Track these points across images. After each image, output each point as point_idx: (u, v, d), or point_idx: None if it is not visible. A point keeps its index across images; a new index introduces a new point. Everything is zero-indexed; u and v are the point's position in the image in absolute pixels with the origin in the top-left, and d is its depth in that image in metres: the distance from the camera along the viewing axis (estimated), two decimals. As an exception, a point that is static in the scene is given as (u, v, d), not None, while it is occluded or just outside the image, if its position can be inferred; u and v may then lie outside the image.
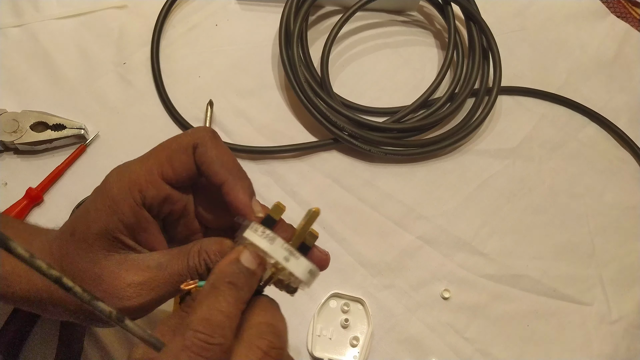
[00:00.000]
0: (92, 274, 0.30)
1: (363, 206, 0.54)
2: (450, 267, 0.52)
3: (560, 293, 0.52)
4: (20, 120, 0.51)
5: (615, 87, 0.64)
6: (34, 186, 0.49)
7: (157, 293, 0.30)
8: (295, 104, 0.58)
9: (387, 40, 0.64)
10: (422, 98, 0.58)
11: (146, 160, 0.31)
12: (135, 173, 0.31)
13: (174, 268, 0.30)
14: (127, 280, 0.29)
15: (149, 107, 0.56)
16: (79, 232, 0.30)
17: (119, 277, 0.29)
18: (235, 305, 0.26)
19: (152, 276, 0.30)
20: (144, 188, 0.30)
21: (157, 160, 0.31)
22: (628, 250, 0.55)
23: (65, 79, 0.56)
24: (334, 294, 0.48)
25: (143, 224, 0.31)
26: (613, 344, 0.50)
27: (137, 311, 0.30)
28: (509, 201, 0.56)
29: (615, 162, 0.59)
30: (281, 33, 0.57)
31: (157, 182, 0.31)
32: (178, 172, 0.31)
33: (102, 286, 0.30)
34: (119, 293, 0.29)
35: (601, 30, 0.67)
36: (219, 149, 0.31)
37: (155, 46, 0.58)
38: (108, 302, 0.27)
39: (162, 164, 0.31)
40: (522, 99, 0.62)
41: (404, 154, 0.56)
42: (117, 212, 0.30)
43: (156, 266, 0.30)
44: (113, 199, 0.30)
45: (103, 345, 0.45)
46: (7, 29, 0.58)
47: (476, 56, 0.59)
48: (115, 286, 0.29)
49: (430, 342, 0.48)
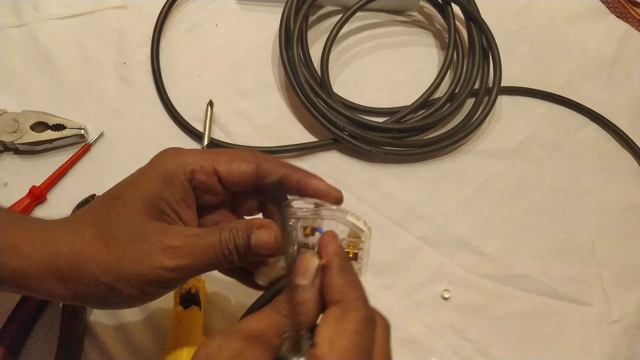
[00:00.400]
0: (134, 234, 0.31)
1: (363, 206, 0.54)
2: (450, 267, 0.52)
3: (560, 293, 0.52)
4: (20, 120, 0.51)
5: (615, 87, 0.64)
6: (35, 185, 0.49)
7: (192, 259, 0.31)
8: (295, 104, 0.58)
9: (387, 40, 0.64)
10: (422, 98, 0.58)
11: (204, 153, 0.34)
12: (192, 157, 0.33)
13: (209, 240, 0.32)
14: (166, 243, 0.31)
15: (149, 107, 0.56)
16: (127, 195, 0.33)
17: (159, 240, 0.31)
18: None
19: (189, 243, 0.31)
20: (196, 172, 0.33)
21: (216, 157, 0.34)
22: (628, 250, 0.55)
23: (65, 79, 0.56)
24: (334, 294, 0.48)
25: (188, 201, 0.34)
26: (613, 344, 0.50)
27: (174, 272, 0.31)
28: (509, 201, 0.56)
29: (615, 162, 0.59)
30: (281, 33, 0.57)
31: (209, 173, 0.34)
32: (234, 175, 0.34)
33: (143, 246, 0.31)
34: (158, 253, 0.31)
35: (601, 30, 0.67)
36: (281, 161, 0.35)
37: (155, 46, 0.58)
38: (146, 261, 0.30)
39: (220, 162, 0.34)
40: (522, 99, 0.62)
41: (404, 154, 0.56)
42: (170, 183, 0.33)
43: (194, 235, 0.32)
44: (169, 172, 0.33)
45: (103, 345, 0.45)
46: (7, 29, 0.58)
47: (476, 56, 0.59)
48: (155, 247, 0.31)
49: (430, 342, 0.48)
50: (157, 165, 0.33)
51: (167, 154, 0.34)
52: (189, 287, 0.43)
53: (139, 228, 0.31)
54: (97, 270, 0.31)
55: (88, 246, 0.31)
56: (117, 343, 0.45)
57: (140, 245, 0.31)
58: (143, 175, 0.33)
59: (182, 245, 0.31)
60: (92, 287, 0.31)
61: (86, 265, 0.31)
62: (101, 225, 0.32)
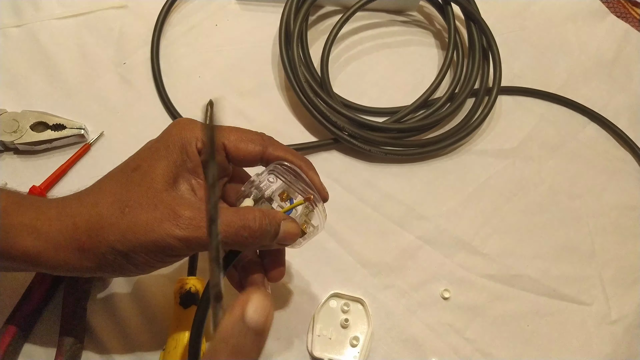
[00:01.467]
0: (149, 201, 0.32)
1: (363, 206, 0.54)
2: (450, 267, 0.52)
3: (560, 293, 0.52)
4: (20, 120, 0.51)
5: (615, 87, 0.64)
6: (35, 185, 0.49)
7: (202, 233, 0.32)
8: (295, 104, 0.58)
9: (387, 40, 0.64)
10: (422, 98, 0.58)
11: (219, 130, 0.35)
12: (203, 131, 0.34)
13: (224, 217, 0.32)
14: (179, 212, 0.32)
15: (149, 107, 0.56)
16: (146, 166, 0.34)
17: (172, 208, 0.32)
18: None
19: (202, 216, 0.32)
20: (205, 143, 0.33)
21: (226, 134, 0.35)
22: (628, 250, 0.55)
23: (65, 79, 0.56)
24: (334, 294, 0.48)
25: (198, 170, 0.35)
26: (613, 344, 0.50)
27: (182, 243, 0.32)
28: (509, 201, 0.56)
29: (615, 162, 0.59)
30: (281, 33, 0.57)
31: (219, 151, 0.35)
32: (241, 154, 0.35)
33: (156, 213, 0.32)
34: (169, 221, 0.31)
35: (601, 30, 0.67)
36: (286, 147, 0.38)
37: (155, 46, 0.58)
38: (158, 228, 0.31)
39: (229, 139, 0.35)
40: (522, 99, 0.62)
41: (404, 154, 0.56)
42: (184, 152, 0.34)
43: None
44: (184, 141, 0.34)
45: (103, 345, 0.45)
46: (7, 29, 0.58)
47: (476, 56, 0.59)
48: (167, 215, 0.32)
49: (430, 342, 0.48)
50: (173, 133, 0.35)
51: (182, 124, 0.35)
52: (189, 287, 0.43)
53: (154, 196, 0.32)
54: (113, 238, 0.31)
55: (105, 215, 0.32)
56: (117, 343, 0.45)
57: (154, 212, 0.32)
58: (161, 144, 0.35)
59: (193, 217, 0.32)
60: (109, 256, 0.32)
61: (103, 233, 0.32)
62: (119, 194, 0.33)
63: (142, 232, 0.31)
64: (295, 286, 0.49)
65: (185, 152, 0.34)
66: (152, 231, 0.31)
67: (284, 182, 0.35)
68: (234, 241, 0.33)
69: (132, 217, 0.31)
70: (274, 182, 0.35)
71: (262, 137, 0.36)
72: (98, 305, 0.46)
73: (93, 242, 0.32)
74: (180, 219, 0.31)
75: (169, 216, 0.32)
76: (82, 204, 0.33)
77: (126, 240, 0.31)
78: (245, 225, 0.32)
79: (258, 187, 0.36)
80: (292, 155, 0.37)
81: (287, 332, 0.47)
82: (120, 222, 0.31)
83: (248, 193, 0.36)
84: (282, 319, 0.48)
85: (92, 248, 0.32)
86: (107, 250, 0.32)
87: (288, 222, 0.34)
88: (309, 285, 0.49)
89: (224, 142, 0.35)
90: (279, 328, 0.47)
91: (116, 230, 0.31)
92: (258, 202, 0.36)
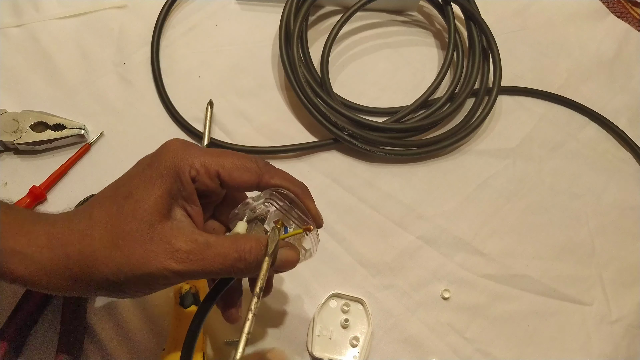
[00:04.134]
0: (144, 234, 0.31)
1: (363, 206, 0.54)
2: (450, 267, 0.52)
3: (560, 293, 0.52)
4: (20, 120, 0.51)
5: (615, 87, 0.64)
6: (35, 185, 0.49)
7: (200, 266, 0.31)
8: (295, 104, 0.58)
9: (387, 40, 0.64)
10: (422, 98, 0.58)
11: (209, 155, 0.34)
12: (197, 158, 0.33)
13: (220, 250, 0.32)
14: (175, 246, 0.31)
15: (149, 107, 0.56)
16: (138, 195, 0.32)
17: (169, 242, 0.31)
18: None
19: (199, 249, 0.31)
20: (201, 174, 0.33)
21: (220, 161, 0.34)
22: (628, 250, 0.55)
23: (65, 79, 0.56)
24: (334, 294, 0.48)
25: (193, 198, 0.34)
26: (613, 344, 0.50)
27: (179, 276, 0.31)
28: (509, 201, 0.56)
29: (615, 162, 0.59)
30: (281, 33, 0.57)
31: (212, 177, 0.34)
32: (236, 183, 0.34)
33: (152, 247, 0.31)
34: (166, 256, 0.31)
35: (601, 30, 0.67)
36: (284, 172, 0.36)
37: (155, 46, 0.58)
38: (154, 262, 0.30)
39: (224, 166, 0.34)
40: (522, 99, 0.62)
41: (404, 154, 0.56)
42: (178, 180, 0.33)
43: (204, 242, 0.32)
44: (177, 169, 0.33)
45: (103, 345, 0.45)
46: (7, 29, 0.58)
47: (476, 56, 0.59)
48: (164, 249, 0.31)
49: (430, 342, 0.48)
50: (166, 159, 0.33)
51: (175, 149, 0.34)
52: (189, 287, 0.43)
53: (148, 229, 0.31)
54: (107, 270, 0.31)
55: (98, 247, 0.31)
56: (117, 343, 0.45)
57: (149, 246, 0.31)
58: (154, 171, 0.33)
59: (190, 250, 0.31)
60: (101, 285, 0.32)
61: (96, 265, 0.31)
62: (111, 225, 0.32)
63: (138, 265, 0.31)
64: (295, 286, 0.49)
65: (180, 181, 0.33)
66: (149, 264, 0.31)
67: (279, 210, 0.35)
68: (230, 272, 0.32)
69: (126, 251, 0.31)
70: (269, 209, 0.35)
71: (257, 165, 0.35)
72: (98, 305, 0.46)
73: (85, 273, 0.31)
74: (177, 253, 0.31)
75: (165, 250, 0.31)
76: (72, 232, 0.32)
77: (121, 272, 0.31)
78: (242, 258, 0.32)
79: (253, 210, 0.35)
80: (288, 183, 0.35)
81: (287, 332, 0.47)
82: (114, 255, 0.31)
83: (242, 215, 0.35)
84: (282, 319, 0.48)
85: (84, 278, 0.32)
86: (100, 280, 0.31)
87: (286, 249, 0.34)
88: (309, 285, 0.49)
89: (218, 171, 0.34)
90: (279, 328, 0.47)
91: (110, 263, 0.31)
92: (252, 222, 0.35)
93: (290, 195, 0.35)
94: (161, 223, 0.32)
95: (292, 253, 0.34)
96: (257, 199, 0.35)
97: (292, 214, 0.35)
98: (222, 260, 0.32)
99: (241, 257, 0.32)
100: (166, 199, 0.32)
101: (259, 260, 0.32)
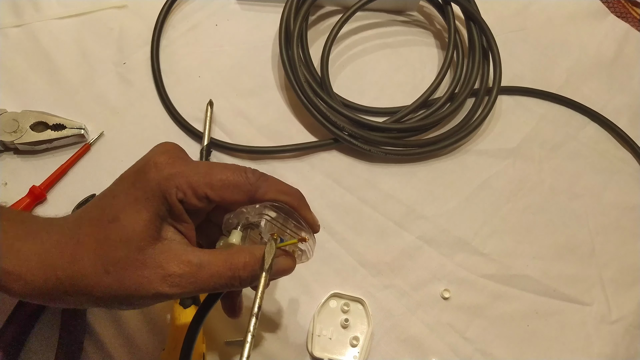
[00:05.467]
0: (135, 260, 0.31)
1: (363, 206, 0.54)
2: (450, 267, 0.52)
3: (560, 293, 0.52)
4: (20, 120, 0.51)
5: (615, 87, 0.64)
6: (35, 185, 0.49)
7: (194, 288, 0.31)
8: (295, 104, 0.58)
9: (387, 40, 0.64)
10: (422, 98, 0.58)
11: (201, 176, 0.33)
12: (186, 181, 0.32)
13: (213, 270, 0.31)
14: (168, 270, 0.31)
15: (149, 107, 0.56)
16: (126, 219, 0.31)
17: (161, 266, 0.31)
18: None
19: (192, 272, 0.31)
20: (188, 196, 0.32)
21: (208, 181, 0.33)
22: (628, 250, 0.55)
23: (65, 79, 0.56)
24: (334, 294, 0.48)
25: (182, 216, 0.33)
26: (613, 344, 0.50)
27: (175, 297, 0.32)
28: (509, 201, 0.56)
29: (615, 162, 0.59)
30: (281, 33, 0.57)
31: (201, 198, 0.32)
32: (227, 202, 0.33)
33: (144, 272, 0.31)
34: (158, 281, 0.31)
35: (601, 30, 0.67)
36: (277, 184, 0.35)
37: (155, 46, 0.58)
38: (147, 287, 0.30)
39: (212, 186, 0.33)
40: (522, 99, 0.62)
41: (404, 154, 0.56)
42: (166, 201, 0.32)
43: (197, 263, 0.31)
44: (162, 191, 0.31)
45: (103, 345, 0.45)
46: (7, 29, 0.58)
47: (476, 56, 0.59)
48: (156, 274, 0.31)
49: (430, 342, 0.48)
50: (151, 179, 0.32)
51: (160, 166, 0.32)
52: (189, 287, 0.43)
53: (139, 254, 0.31)
54: (100, 293, 0.31)
55: (89, 273, 0.31)
56: (117, 343, 0.45)
57: (141, 271, 0.31)
58: (140, 192, 0.32)
59: (183, 274, 0.31)
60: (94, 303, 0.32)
61: (88, 289, 0.31)
62: (100, 251, 0.31)
63: (130, 290, 0.31)
64: (295, 286, 0.49)
65: (167, 202, 0.32)
66: (141, 289, 0.30)
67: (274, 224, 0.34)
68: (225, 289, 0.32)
69: (118, 277, 0.30)
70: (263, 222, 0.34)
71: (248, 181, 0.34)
72: (98, 305, 0.46)
73: (79, 293, 0.31)
74: (170, 278, 0.31)
75: (157, 275, 0.31)
76: (62, 255, 0.31)
77: (114, 297, 0.31)
78: (236, 276, 0.32)
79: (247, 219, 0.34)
80: (283, 195, 0.35)
81: (287, 332, 0.47)
82: (106, 281, 0.31)
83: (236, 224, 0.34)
84: (282, 319, 0.48)
85: (79, 297, 0.31)
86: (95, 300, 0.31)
87: (282, 258, 0.33)
88: (309, 285, 0.49)
89: (206, 192, 0.32)
90: (279, 328, 0.47)
91: (103, 289, 0.31)
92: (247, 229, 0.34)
93: (285, 207, 0.34)
94: (152, 246, 0.31)
95: (288, 261, 0.34)
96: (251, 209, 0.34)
97: (288, 224, 0.35)
98: (216, 280, 0.31)
99: (235, 275, 0.32)
100: (154, 222, 0.31)
101: (254, 275, 0.32)
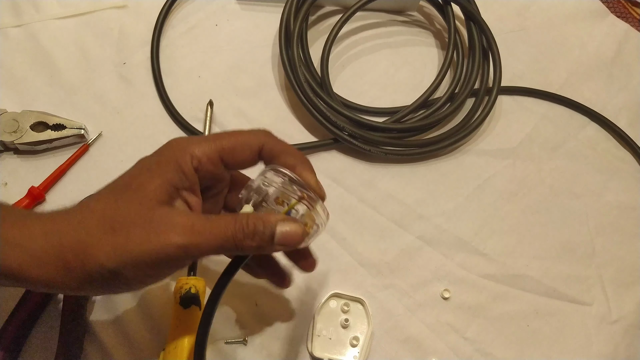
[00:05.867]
0: (142, 217, 0.32)
1: (363, 206, 0.54)
2: (450, 267, 0.52)
3: (560, 293, 0.52)
4: (20, 120, 0.51)
5: (615, 87, 0.64)
6: (34, 186, 0.49)
7: (202, 239, 0.32)
8: (295, 104, 0.58)
9: (387, 40, 0.64)
10: (422, 98, 0.58)
11: (212, 142, 0.35)
12: (199, 147, 0.34)
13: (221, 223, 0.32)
14: (175, 221, 0.32)
15: (149, 107, 0.56)
16: (137, 184, 0.33)
17: (168, 219, 0.32)
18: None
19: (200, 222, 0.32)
20: (203, 162, 0.34)
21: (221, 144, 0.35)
22: (628, 250, 0.55)
23: (65, 79, 0.56)
24: (334, 294, 0.48)
25: (194, 188, 0.35)
26: (613, 344, 0.50)
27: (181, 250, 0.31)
28: (509, 201, 0.56)
29: (615, 162, 0.59)
30: (281, 33, 0.57)
31: (216, 163, 0.35)
32: (238, 161, 0.36)
33: (152, 225, 0.31)
34: (167, 230, 0.31)
35: (601, 30, 0.67)
36: (283, 143, 0.37)
37: (155, 46, 0.58)
38: (154, 239, 0.31)
39: (226, 150, 0.35)
40: (522, 99, 0.62)
41: (404, 154, 0.56)
42: (180, 171, 0.33)
43: (205, 217, 0.32)
44: (179, 161, 0.33)
45: (103, 345, 0.45)
46: (7, 29, 0.58)
47: (476, 56, 0.59)
48: (164, 225, 0.31)
49: (430, 342, 0.48)
50: (167, 154, 0.34)
51: (175, 145, 0.34)
52: (189, 287, 0.43)
53: (148, 212, 0.32)
54: (102, 255, 0.31)
55: (94, 232, 0.31)
56: (117, 343, 0.45)
57: (149, 225, 0.31)
58: (153, 163, 0.34)
59: (191, 223, 0.32)
60: (95, 274, 0.31)
61: (91, 251, 0.31)
62: (108, 211, 0.32)
63: (136, 245, 0.30)
64: (295, 286, 0.49)
65: (182, 171, 0.33)
66: (148, 242, 0.31)
67: (277, 188, 0.35)
68: (232, 245, 0.32)
69: (124, 233, 0.31)
70: (268, 187, 0.35)
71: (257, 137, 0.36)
72: (98, 304, 0.46)
73: (80, 260, 0.31)
74: (177, 227, 0.31)
75: (165, 226, 0.31)
76: (69, 222, 0.32)
77: (117, 256, 0.31)
78: (239, 229, 0.32)
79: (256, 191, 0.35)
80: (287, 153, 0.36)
81: (287, 332, 0.47)
82: (110, 238, 0.31)
83: (247, 199, 0.36)
84: (282, 319, 0.48)
85: (78, 266, 0.31)
86: (95, 268, 0.31)
87: (286, 223, 0.33)
88: (309, 285, 0.49)
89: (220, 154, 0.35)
90: (279, 328, 0.47)
91: (106, 247, 0.31)
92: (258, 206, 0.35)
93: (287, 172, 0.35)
94: (160, 207, 0.32)
95: (293, 226, 0.33)
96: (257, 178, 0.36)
97: (290, 189, 0.35)
98: (223, 231, 0.32)
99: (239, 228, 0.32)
100: (166, 188, 0.33)
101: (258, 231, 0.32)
